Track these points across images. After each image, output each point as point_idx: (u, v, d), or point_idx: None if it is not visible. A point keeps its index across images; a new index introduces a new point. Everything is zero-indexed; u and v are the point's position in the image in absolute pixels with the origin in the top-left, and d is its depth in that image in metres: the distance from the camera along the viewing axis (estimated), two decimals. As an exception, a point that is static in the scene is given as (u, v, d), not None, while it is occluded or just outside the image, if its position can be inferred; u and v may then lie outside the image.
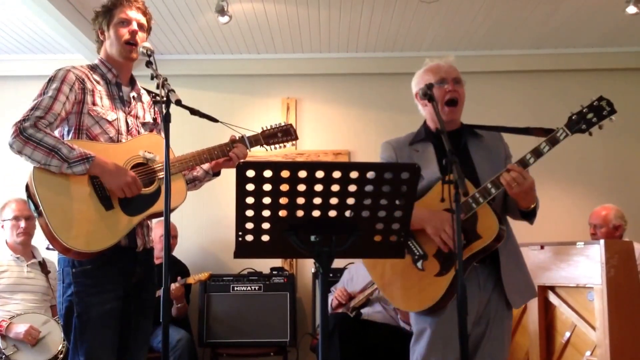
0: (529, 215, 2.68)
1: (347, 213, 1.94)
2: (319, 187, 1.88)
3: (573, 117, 2.57)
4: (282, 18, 5.09)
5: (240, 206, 1.90)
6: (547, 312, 3.67)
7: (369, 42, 5.59)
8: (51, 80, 2.62)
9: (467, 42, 5.62)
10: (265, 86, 5.96)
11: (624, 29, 5.34)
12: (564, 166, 5.69)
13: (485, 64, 5.87)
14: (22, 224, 4.39)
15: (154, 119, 2.88)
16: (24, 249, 4.44)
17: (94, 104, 2.65)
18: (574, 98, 2.69)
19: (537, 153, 2.56)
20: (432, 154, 2.74)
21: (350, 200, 1.91)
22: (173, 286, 4.52)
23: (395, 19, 5.09)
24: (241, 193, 1.88)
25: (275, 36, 5.46)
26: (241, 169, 1.84)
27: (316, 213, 1.92)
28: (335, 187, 1.88)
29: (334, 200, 1.90)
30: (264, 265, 5.41)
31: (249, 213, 1.92)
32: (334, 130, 5.78)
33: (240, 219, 1.93)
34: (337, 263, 2.48)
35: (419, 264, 2.60)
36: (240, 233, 1.95)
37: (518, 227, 5.62)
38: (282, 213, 1.92)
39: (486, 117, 3.27)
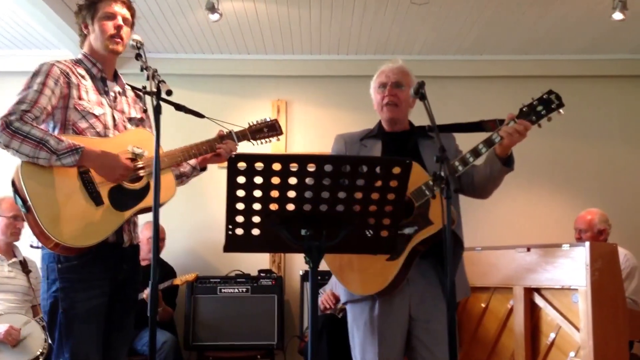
0: (510, 161, 2.68)
1: (338, 207, 1.94)
2: (310, 181, 1.88)
3: (524, 109, 2.63)
4: (272, 18, 5.09)
5: (231, 199, 1.90)
6: (533, 314, 3.68)
7: (360, 44, 5.61)
8: (35, 74, 2.59)
9: (457, 47, 5.66)
10: (255, 87, 5.95)
11: (610, 36, 5.40)
12: (550, 170, 5.75)
13: (475, 69, 5.92)
14: (19, 225, 4.34)
15: (144, 111, 2.87)
16: (7, 248, 4.39)
17: (79, 98, 2.63)
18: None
19: (489, 143, 2.61)
20: (379, 151, 2.82)
21: (342, 194, 1.92)
22: (145, 293, 4.42)
23: (386, 21, 5.11)
24: (232, 186, 1.88)
25: (265, 37, 5.47)
26: (233, 161, 1.84)
27: (307, 207, 1.93)
28: (326, 181, 1.89)
29: (325, 194, 1.91)
30: (252, 267, 5.39)
31: (240, 206, 1.92)
32: (324, 133, 5.76)
33: (231, 212, 1.93)
34: (327, 266, 2.49)
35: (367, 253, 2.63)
36: (230, 226, 1.95)
37: (505, 230, 5.70)
38: (273, 206, 1.92)
39: (473, 121, 3.30)
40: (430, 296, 2.69)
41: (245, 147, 3.03)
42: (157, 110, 2.32)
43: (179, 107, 2.65)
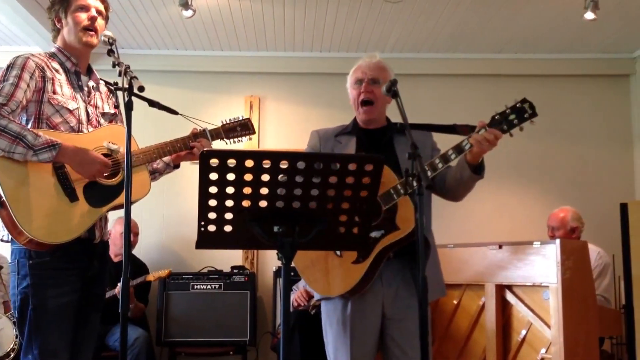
0: (480, 168, 2.65)
1: (311, 204, 1.93)
2: (282, 177, 1.87)
3: (496, 117, 2.58)
4: (246, 15, 5.07)
5: (203, 196, 1.88)
6: (504, 311, 3.72)
7: (334, 41, 5.61)
8: (10, 67, 2.56)
9: (430, 45, 5.69)
10: (228, 84, 5.93)
11: (582, 36, 5.47)
12: (523, 168, 5.81)
13: (448, 66, 5.95)
14: None
15: (116, 106, 2.85)
16: (-22, 244, 4.32)
17: (54, 92, 2.60)
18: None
19: (458, 149, 2.57)
20: (353, 148, 2.79)
21: (314, 192, 1.91)
22: (117, 289, 4.41)
23: (359, 18, 5.12)
24: (204, 182, 1.86)
25: (239, 33, 5.44)
26: (205, 158, 1.82)
27: (280, 204, 1.91)
28: (299, 178, 1.88)
29: (298, 191, 1.90)
30: (225, 263, 5.37)
31: (212, 203, 1.90)
32: (297, 129, 5.77)
33: (203, 208, 1.91)
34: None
35: (338, 251, 2.63)
36: (202, 223, 1.94)
37: (478, 227, 5.75)
38: (246, 203, 1.90)
39: (447, 119, 3.32)
40: (403, 295, 2.68)
41: (218, 145, 3.01)
42: (129, 107, 2.29)
43: (152, 104, 2.62)
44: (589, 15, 4.65)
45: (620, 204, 3.19)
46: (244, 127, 3.06)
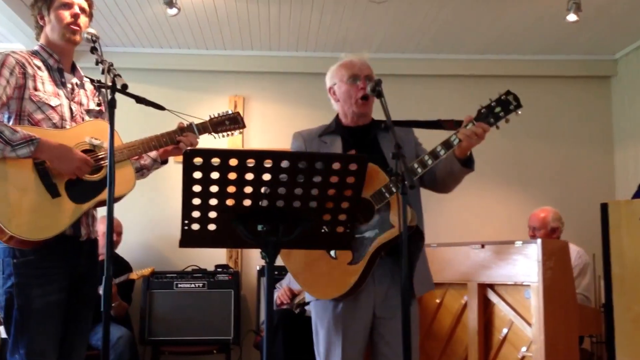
0: (470, 161, 2.68)
1: (295, 203, 1.94)
2: (267, 177, 1.88)
3: (482, 111, 2.61)
4: (231, 14, 5.06)
5: (187, 194, 1.89)
6: (486, 309, 3.74)
7: (318, 41, 5.62)
8: None
9: (415, 45, 5.71)
10: (212, 83, 5.92)
11: (564, 38, 5.52)
12: (505, 168, 5.86)
13: (432, 67, 5.98)
14: None
15: (99, 104, 2.83)
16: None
17: (35, 89, 2.58)
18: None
19: (447, 145, 2.59)
20: (339, 147, 2.79)
21: (298, 191, 1.92)
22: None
23: (344, 19, 5.13)
24: (188, 181, 1.86)
25: (224, 32, 5.43)
26: (188, 156, 1.83)
27: (264, 202, 1.92)
28: (283, 177, 1.89)
29: (281, 190, 1.91)
30: (209, 262, 5.37)
31: (196, 201, 1.90)
32: (281, 129, 5.74)
33: (187, 207, 1.91)
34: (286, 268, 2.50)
35: (332, 252, 2.62)
36: (186, 222, 1.94)
37: (460, 227, 5.78)
38: (230, 202, 1.91)
39: (431, 119, 3.34)
40: (393, 294, 2.68)
41: (206, 140, 3.00)
42: (112, 105, 2.28)
43: (139, 100, 2.61)
44: (572, 17, 4.70)
45: (600, 204, 3.23)
46: (233, 121, 3.03)
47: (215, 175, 1.86)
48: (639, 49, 5.69)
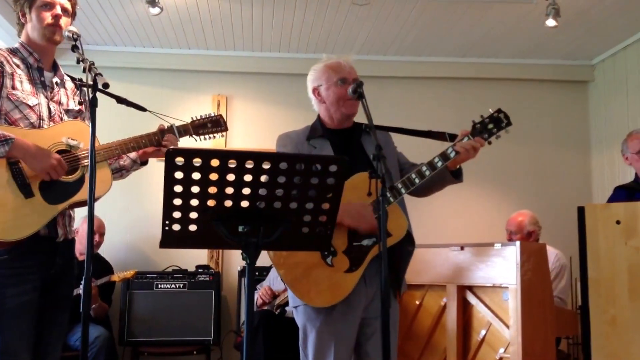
0: (459, 173, 2.77)
1: (276, 204, 1.95)
2: (248, 177, 1.88)
3: (477, 126, 2.70)
4: (214, 13, 5.06)
5: (168, 194, 1.88)
6: (465, 311, 3.78)
7: (301, 42, 5.63)
8: None
9: (397, 48, 5.75)
10: (195, 82, 5.91)
11: (542, 42, 5.59)
12: (483, 171, 5.88)
13: (413, 69, 6.03)
14: None
15: (80, 103, 2.79)
16: None
17: (13, 87, 2.56)
18: (495, 106, 2.80)
19: (444, 157, 2.66)
20: (330, 151, 2.77)
21: (279, 192, 1.92)
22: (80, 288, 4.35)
23: (327, 20, 5.15)
24: (169, 181, 1.85)
25: (207, 32, 5.43)
26: (170, 156, 1.82)
27: (245, 203, 1.92)
28: (264, 178, 1.89)
29: (262, 191, 1.91)
30: (190, 262, 5.36)
31: (177, 202, 1.89)
32: (264, 129, 5.78)
33: (168, 207, 1.90)
34: (264, 261, 2.49)
35: (329, 260, 2.61)
36: (167, 222, 1.92)
37: (440, 229, 5.81)
38: (211, 202, 1.90)
39: (411, 121, 3.37)
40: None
41: (187, 142, 2.99)
42: (93, 104, 2.26)
43: (120, 100, 2.60)
44: (551, 22, 4.75)
45: (577, 207, 3.26)
46: (215, 124, 3.02)
47: (196, 175, 1.85)
48: (615, 55, 5.78)
